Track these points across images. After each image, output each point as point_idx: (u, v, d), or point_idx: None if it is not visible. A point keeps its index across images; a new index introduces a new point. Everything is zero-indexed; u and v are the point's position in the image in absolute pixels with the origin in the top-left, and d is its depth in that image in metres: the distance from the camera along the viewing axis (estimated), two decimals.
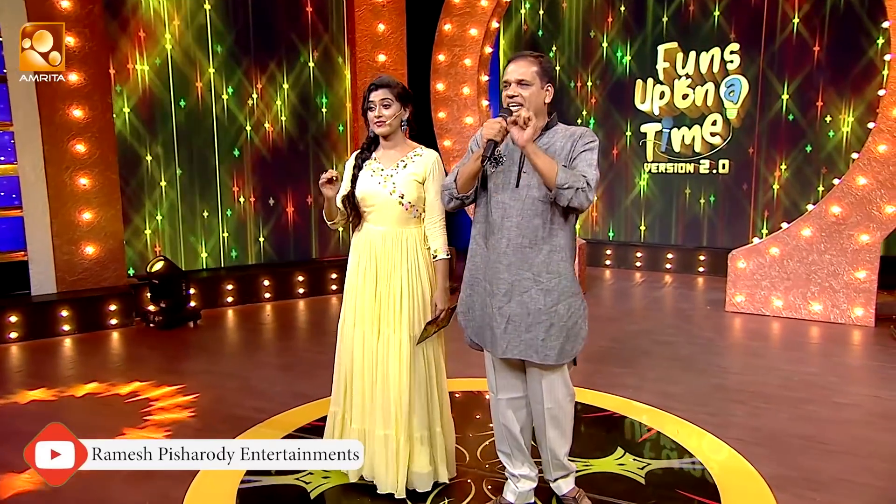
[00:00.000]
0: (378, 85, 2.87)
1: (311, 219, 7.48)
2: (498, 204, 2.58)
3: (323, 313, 6.67)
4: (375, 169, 2.95)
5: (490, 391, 2.83)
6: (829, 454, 3.41)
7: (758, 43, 7.70)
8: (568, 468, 2.83)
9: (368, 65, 7.22)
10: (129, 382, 4.42)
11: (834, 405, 4.12)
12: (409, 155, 2.94)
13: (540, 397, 2.67)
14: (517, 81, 2.53)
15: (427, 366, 2.94)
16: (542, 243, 2.53)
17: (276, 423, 3.75)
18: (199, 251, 6.88)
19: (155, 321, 5.87)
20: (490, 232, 2.61)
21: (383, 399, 2.91)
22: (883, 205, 5.73)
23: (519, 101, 2.52)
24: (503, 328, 2.57)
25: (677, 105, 8.13)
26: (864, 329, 5.82)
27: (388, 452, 2.91)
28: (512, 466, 2.83)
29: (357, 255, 3.01)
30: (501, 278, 2.56)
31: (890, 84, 5.68)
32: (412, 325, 2.89)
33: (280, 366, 4.85)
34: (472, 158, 2.56)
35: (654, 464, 3.27)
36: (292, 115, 7.21)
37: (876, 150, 5.73)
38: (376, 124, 2.88)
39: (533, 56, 2.59)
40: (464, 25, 7.19)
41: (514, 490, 2.82)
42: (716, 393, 4.26)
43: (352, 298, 3.01)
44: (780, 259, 6.15)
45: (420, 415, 2.92)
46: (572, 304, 2.57)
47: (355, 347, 2.97)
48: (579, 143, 2.53)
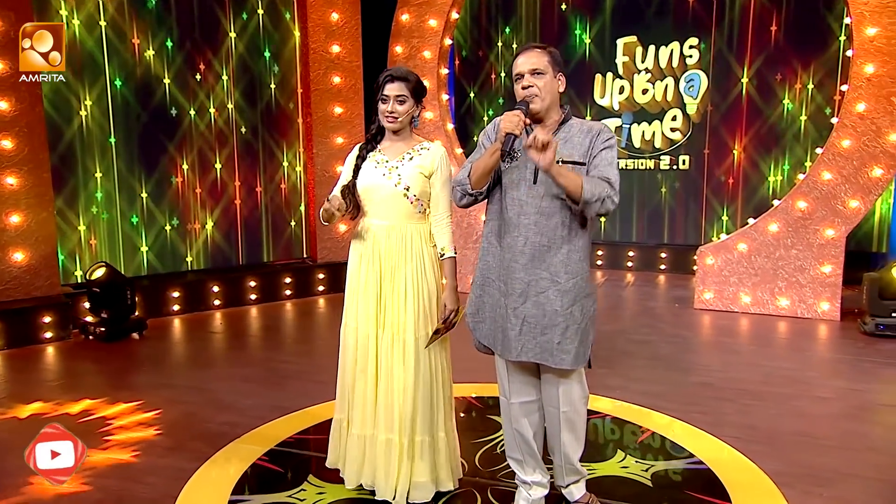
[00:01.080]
0: (395, 77, 2.83)
1: (263, 217, 7.28)
2: (514, 201, 2.57)
3: (280, 319, 6.52)
4: (380, 161, 2.91)
5: (501, 396, 2.82)
6: (825, 449, 3.55)
7: (719, 37, 7.97)
8: (581, 473, 2.85)
9: (322, 56, 7.10)
10: (79, 400, 4.19)
11: (818, 400, 4.30)
12: (416, 148, 2.91)
13: (556, 401, 2.68)
14: (531, 71, 2.53)
15: (432, 368, 2.90)
16: (562, 242, 2.54)
17: (255, 438, 3.63)
18: (139, 255, 6.58)
19: (95, 333, 5.60)
20: (505, 230, 2.60)
21: (386, 402, 2.87)
22: (847, 199, 6.02)
23: (534, 91, 2.52)
24: (518, 330, 2.56)
25: (637, 100, 8.33)
26: (831, 323, 6.10)
27: (391, 458, 2.87)
28: (523, 473, 2.83)
29: (358, 253, 2.95)
30: (517, 278, 2.55)
31: (852, 79, 5.97)
32: (417, 325, 2.86)
33: (246, 377, 4.70)
34: (488, 153, 2.54)
35: (658, 465, 3.33)
36: (241, 103, 6.99)
37: (840, 144, 6.01)
38: (388, 120, 2.84)
39: (541, 46, 2.60)
40: (422, 16, 7.16)
41: (527, 497, 2.82)
42: (703, 391, 4.37)
43: (353, 298, 2.96)
44: (748, 255, 6.39)
45: (423, 419, 2.89)
46: (585, 304, 2.59)
47: (359, 349, 2.92)
48: (598, 140, 2.55)
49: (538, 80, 2.53)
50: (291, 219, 7.49)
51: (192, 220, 6.80)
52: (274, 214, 7.34)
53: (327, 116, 7.22)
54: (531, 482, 2.82)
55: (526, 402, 2.76)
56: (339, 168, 7.24)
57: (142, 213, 6.51)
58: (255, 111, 7.08)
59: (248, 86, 7.01)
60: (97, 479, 3.20)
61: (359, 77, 7.32)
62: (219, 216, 6.97)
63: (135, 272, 6.49)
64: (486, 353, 2.80)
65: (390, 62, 7.32)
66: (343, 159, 7.18)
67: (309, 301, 7.13)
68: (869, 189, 5.97)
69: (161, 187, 6.59)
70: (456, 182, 2.67)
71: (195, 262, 6.89)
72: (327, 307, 6.94)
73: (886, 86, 5.83)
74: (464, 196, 2.64)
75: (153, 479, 3.21)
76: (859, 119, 5.93)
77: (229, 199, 7.04)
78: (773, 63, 7.81)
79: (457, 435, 3.06)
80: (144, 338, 5.71)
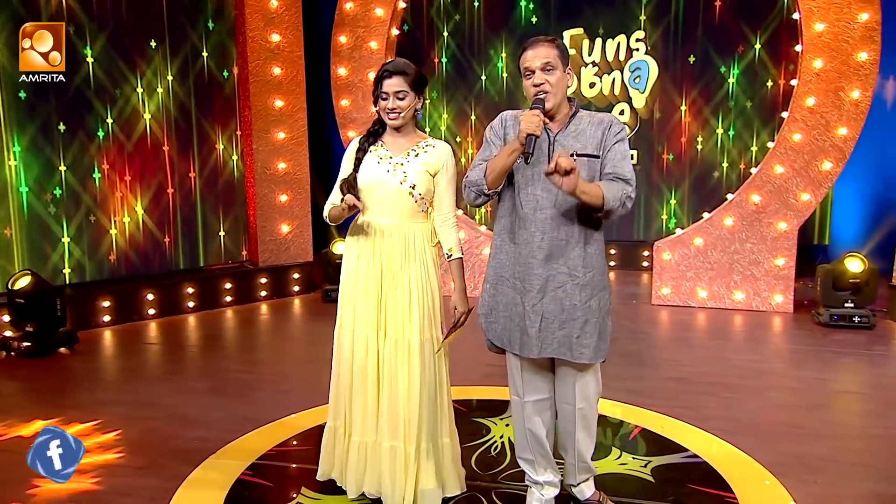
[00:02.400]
0: (392, 71, 2.84)
1: (197, 216, 7.06)
2: (529, 196, 2.64)
3: (223, 328, 6.38)
4: (383, 156, 2.92)
5: (514, 395, 2.89)
6: (809, 438, 3.80)
7: (665, 29, 8.31)
8: (592, 470, 2.96)
9: (261, 45, 6.99)
10: (29, 422, 4.01)
11: (791, 390, 4.58)
12: (421, 144, 2.94)
13: (571, 398, 2.78)
14: (542, 67, 2.60)
15: (436, 372, 2.94)
16: (579, 237, 2.63)
17: (232, 452, 3.57)
18: (59, 260, 6.24)
19: (19, 349, 5.33)
20: (520, 226, 2.67)
21: (390, 408, 2.90)
22: (798, 192, 6.42)
23: (546, 88, 2.59)
24: (537, 327, 2.64)
25: (584, 94, 8.59)
26: (785, 315, 6.49)
27: (397, 465, 2.90)
28: (535, 474, 2.91)
29: (356, 251, 2.96)
30: (535, 274, 2.63)
31: (802, 74, 6.37)
32: (423, 328, 2.89)
33: (204, 390, 4.60)
34: (505, 153, 2.59)
35: (655, 461, 3.48)
36: (178, 98, 6.76)
37: (791, 138, 6.40)
38: (391, 117, 2.86)
39: (549, 39, 2.67)
40: (367, 4, 7.16)
41: (540, 498, 2.90)
42: (680, 387, 4.58)
43: (350, 300, 2.96)
44: (704, 249, 6.71)
45: (428, 425, 2.93)
46: (602, 298, 2.70)
47: (356, 353, 2.93)
48: (610, 133, 2.65)
49: (549, 76, 2.60)
50: (227, 220, 7.28)
51: (112, 218, 6.48)
52: (208, 215, 7.11)
53: (268, 110, 7.11)
54: (543, 482, 2.91)
55: (539, 399, 2.84)
56: (282, 165, 7.21)
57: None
58: (190, 102, 6.88)
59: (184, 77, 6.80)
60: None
61: (300, 68, 7.25)
62: (146, 216, 6.69)
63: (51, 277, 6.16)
64: (497, 353, 2.87)
65: (334, 53, 7.28)
66: (285, 156, 7.22)
67: (252, 307, 7.00)
68: (819, 182, 6.38)
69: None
70: (470, 182, 2.71)
71: (120, 266, 6.58)
72: (271, 313, 6.84)
73: (834, 80, 6.25)
74: (479, 196, 2.70)
75: (129, 501, 3.12)
76: (809, 113, 6.33)
77: (161, 198, 6.80)
78: (720, 52, 8.22)
79: (458, 439, 3.12)
80: (76, 352, 5.48)
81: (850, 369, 5.12)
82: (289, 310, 7.00)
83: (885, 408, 4.29)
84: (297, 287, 7.43)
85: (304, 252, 7.52)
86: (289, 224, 7.38)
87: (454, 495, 3.03)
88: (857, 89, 6.19)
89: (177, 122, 6.77)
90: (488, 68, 8.92)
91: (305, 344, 6.00)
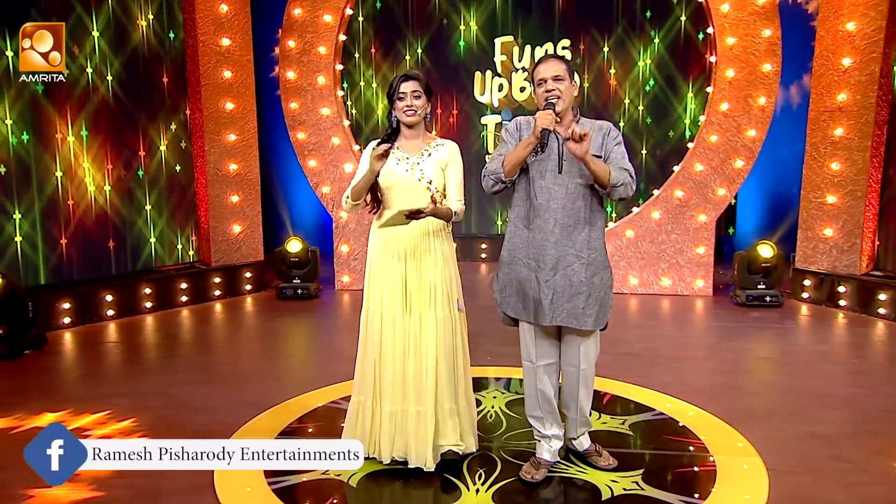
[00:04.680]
0: (409, 77, 3.31)
1: (148, 218, 7.15)
2: (542, 188, 3.15)
3: (185, 326, 6.55)
4: (400, 157, 3.36)
5: (526, 361, 3.38)
6: (750, 395, 4.50)
7: (590, 38, 9.00)
8: (590, 424, 3.50)
9: (212, 49, 7.19)
10: (39, 414, 4.16)
11: (725, 359, 5.31)
12: (432, 144, 3.40)
13: (576, 360, 3.30)
14: (553, 77, 3.12)
15: (455, 343, 3.41)
16: (584, 223, 3.16)
17: (251, 431, 3.89)
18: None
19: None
20: (535, 214, 3.17)
21: (416, 375, 3.35)
22: (716, 188, 7.23)
23: (557, 94, 3.11)
24: (550, 299, 3.16)
25: (515, 98, 9.18)
26: (706, 298, 7.30)
27: (421, 428, 3.35)
28: (543, 429, 3.41)
29: (382, 244, 3.39)
30: (549, 254, 3.14)
31: (716, 83, 7.19)
32: (443, 305, 3.36)
33: (198, 381, 4.85)
34: (522, 146, 3.09)
35: (630, 419, 4.07)
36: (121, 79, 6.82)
37: (708, 139, 7.21)
38: (407, 114, 3.31)
39: (558, 57, 3.27)
40: (316, 11, 7.47)
41: (549, 449, 3.41)
42: (633, 361, 5.20)
43: (377, 285, 3.40)
44: (635, 240, 7.43)
45: (448, 388, 3.39)
46: (604, 275, 3.24)
47: (384, 331, 3.37)
48: (609, 137, 3.20)
49: (559, 84, 3.12)
50: (180, 220, 7.41)
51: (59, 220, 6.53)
52: (156, 215, 7.22)
53: (218, 112, 7.31)
54: (550, 435, 3.41)
55: (549, 363, 3.35)
56: (233, 166, 7.43)
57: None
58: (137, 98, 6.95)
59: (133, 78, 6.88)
60: (122, 479, 3.32)
61: (250, 72, 7.48)
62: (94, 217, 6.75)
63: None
64: (510, 325, 3.37)
65: (282, 57, 7.55)
66: (236, 157, 7.43)
67: (207, 307, 7.17)
68: (733, 178, 7.22)
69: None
70: (490, 171, 3.19)
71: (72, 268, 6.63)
72: (227, 312, 7.03)
73: (744, 88, 7.09)
74: (496, 183, 3.19)
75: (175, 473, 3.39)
76: (723, 117, 7.15)
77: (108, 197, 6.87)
78: (639, 56, 9.01)
79: (475, 403, 3.59)
80: (45, 352, 5.56)
81: (768, 340, 5.91)
82: (244, 307, 7.22)
83: (799, 369, 5.10)
84: (249, 286, 7.66)
85: (255, 251, 7.74)
86: (240, 224, 7.59)
87: (472, 452, 3.50)
88: (763, 96, 7.06)
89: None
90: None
91: (275, 337, 6.29)
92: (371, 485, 3.34)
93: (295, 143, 7.67)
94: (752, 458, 3.55)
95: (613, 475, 3.39)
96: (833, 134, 6.75)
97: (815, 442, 3.77)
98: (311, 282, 7.43)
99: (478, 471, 3.43)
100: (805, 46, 7.67)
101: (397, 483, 3.35)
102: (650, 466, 3.48)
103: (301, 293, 7.35)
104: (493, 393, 4.50)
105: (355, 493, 3.27)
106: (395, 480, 3.36)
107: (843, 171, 6.75)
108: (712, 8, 7.05)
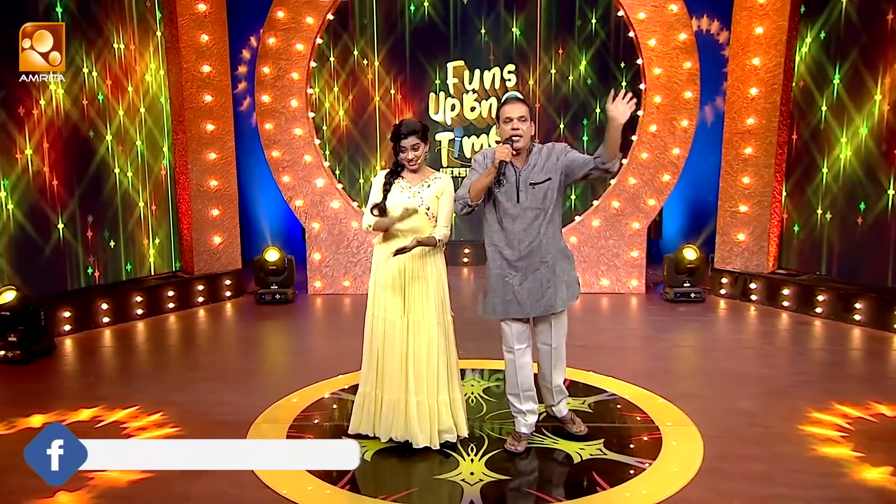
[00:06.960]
0: (408, 133, 3.90)
1: (137, 230, 7.51)
2: (507, 214, 3.82)
3: (177, 330, 6.91)
4: (404, 187, 3.95)
5: (507, 349, 4.02)
6: (685, 378, 5.28)
7: (532, 65, 9.72)
8: (565, 392, 4.19)
9: (194, 76, 7.58)
10: (76, 410, 4.57)
11: (662, 348, 6.08)
12: (431, 178, 4.00)
13: (549, 339, 4.00)
14: (519, 118, 3.74)
15: (447, 343, 4.02)
16: (543, 235, 3.83)
17: (270, 418, 4.42)
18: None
19: (8, 358, 5.68)
20: (505, 237, 3.85)
21: (415, 370, 3.95)
22: (647, 199, 8.03)
23: (520, 133, 3.73)
24: (526, 298, 3.84)
25: (467, 116, 9.82)
26: (639, 296, 8.09)
27: (422, 414, 3.94)
28: (520, 404, 4.05)
29: (386, 256, 3.95)
30: (520, 266, 3.83)
31: (646, 107, 7.98)
32: (438, 311, 3.98)
33: (209, 378, 5.30)
34: (485, 175, 3.72)
35: (589, 399, 4.76)
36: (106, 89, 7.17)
37: (640, 156, 8.00)
38: (411, 166, 3.95)
39: (520, 99, 3.86)
40: (289, 40, 7.93)
41: (525, 423, 4.06)
42: (582, 352, 5.87)
43: (382, 292, 3.98)
44: (579, 245, 8.17)
45: (441, 381, 4.00)
46: (563, 264, 3.94)
47: (387, 333, 3.97)
48: (559, 153, 3.83)
49: (523, 124, 3.75)
50: (159, 232, 7.78)
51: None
52: (150, 227, 7.59)
53: (200, 133, 7.70)
54: (525, 410, 4.05)
55: (524, 347, 4.01)
56: (213, 182, 7.84)
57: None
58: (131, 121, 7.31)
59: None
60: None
61: (228, 95, 7.90)
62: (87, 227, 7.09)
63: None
64: (495, 320, 4.02)
65: (258, 82, 7.96)
66: (217, 174, 7.85)
67: (191, 312, 7.55)
68: (661, 190, 8.04)
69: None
70: (458, 197, 3.84)
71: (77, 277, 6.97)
72: (211, 317, 7.42)
73: (670, 112, 7.91)
74: (464, 207, 3.82)
75: None
76: (652, 137, 7.96)
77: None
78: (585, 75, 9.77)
79: (463, 394, 4.20)
80: (54, 357, 5.90)
81: (695, 331, 6.72)
82: (226, 312, 7.63)
83: (721, 354, 5.93)
84: (229, 292, 8.06)
85: (233, 260, 8.15)
86: (220, 236, 7.99)
87: (464, 436, 4.11)
88: (685, 119, 7.89)
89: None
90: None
91: (267, 338, 6.78)
92: (382, 460, 3.93)
93: (270, 162, 8.11)
94: (689, 426, 4.29)
95: (581, 444, 4.07)
96: (744, 152, 7.65)
97: (736, 412, 4.55)
98: (287, 287, 7.89)
99: (470, 444, 4.05)
100: (717, 72, 8.60)
101: (404, 458, 3.94)
102: (610, 436, 4.17)
103: (279, 298, 7.80)
104: (471, 381, 5.11)
105: (372, 465, 3.86)
106: (402, 455, 3.95)
107: (753, 184, 7.65)
108: (641, 43, 7.85)
